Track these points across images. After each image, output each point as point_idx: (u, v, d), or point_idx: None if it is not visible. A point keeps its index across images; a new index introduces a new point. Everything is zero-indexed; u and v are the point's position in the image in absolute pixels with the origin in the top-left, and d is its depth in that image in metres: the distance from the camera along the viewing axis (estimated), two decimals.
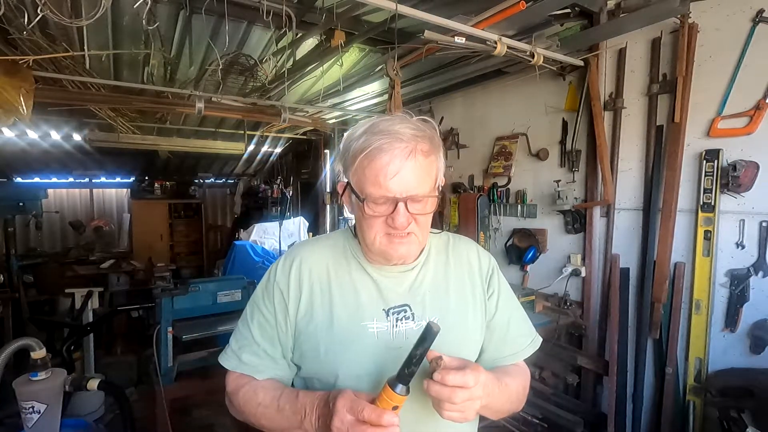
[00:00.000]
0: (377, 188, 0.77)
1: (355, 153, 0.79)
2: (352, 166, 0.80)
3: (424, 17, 1.81)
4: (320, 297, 0.88)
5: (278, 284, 0.90)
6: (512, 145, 3.09)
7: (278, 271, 0.91)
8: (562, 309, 2.58)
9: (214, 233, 7.66)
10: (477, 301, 0.94)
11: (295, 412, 0.79)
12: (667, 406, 2.23)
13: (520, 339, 0.97)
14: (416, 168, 0.78)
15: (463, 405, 0.70)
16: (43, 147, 4.88)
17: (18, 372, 1.52)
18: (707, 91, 2.08)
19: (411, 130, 0.78)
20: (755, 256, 1.97)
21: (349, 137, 0.82)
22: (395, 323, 0.86)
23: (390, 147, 0.76)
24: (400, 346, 0.83)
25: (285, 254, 0.96)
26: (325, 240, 0.98)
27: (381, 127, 0.79)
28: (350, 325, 0.85)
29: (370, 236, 0.83)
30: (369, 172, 0.77)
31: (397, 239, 0.82)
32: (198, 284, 2.42)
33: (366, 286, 0.89)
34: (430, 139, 0.81)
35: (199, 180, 7.44)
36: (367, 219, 0.81)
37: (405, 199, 0.78)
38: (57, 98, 2.81)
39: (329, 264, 0.91)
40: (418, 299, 0.89)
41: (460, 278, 0.94)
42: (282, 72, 2.80)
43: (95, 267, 5.31)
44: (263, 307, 0.90)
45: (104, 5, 1.59)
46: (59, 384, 1.49)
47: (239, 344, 0.91)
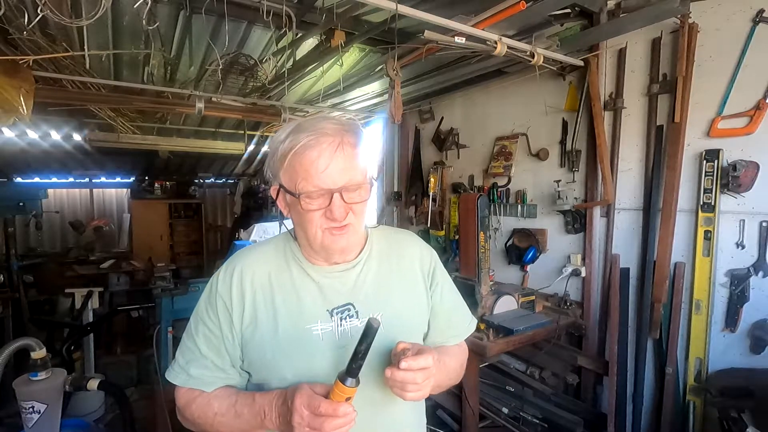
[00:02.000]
0: (310, 183, 0.79)
1: (283, 153, 0.81)
2: (281, 167, 0.82)
3: (424, 17, 1.81)
4: (263, 304, 0.88)
5: (221, 295, 0.89)
6: (512, 145, 3.09)
7: (220, 281, 0.91)
8: (562, 309, 2.57)
9: (214, 233, 7.66)
10: (420, 293, 0.98)
11: (254, 414, 0.81)
12: (667, 406, 2.23)
13: (460, 323, 1.06)
14: (345, 159, 0.80)
15: (424, 384, 0.77)
16: (43, 147, 4.87)
17: (18, 372, 1.52)
18: (707, 91, 2.08)
19: (335, 125, 0.82)
20: (755, 256, 1.96)
21: (275, 141, 0.84)
22: (339, 323, 0.88)
23: (317, 142, 0.79)
24: (346, 345, 0.86)
25: (226, 263, 0.95)
26: (266, 246, 0.97)
27: (305, 126, 0.82)
28: (294, 329, 0.86)
29: (310, 232, 0.84)
30: (300, 169, 0.80)
31: (336, 232, 0.83)
32: (198, 284, 2.42)
33: (308, 288, 0.90)
34: (356, 131, 0.84)
35: (199, 180, 7.44)
36: (305, 214, 0.82)
37: (339, 190, 0.80)
38: (57, 98, 2.81)
39: (271, 270, 0.91)
40: (362, 297, 0.91)
41: (402, 272, 0.98)
42: (282, 72, 2.80)
43: (95, 267, 5.31)
44: (207, 320, 0.90)
45: (104, 5, 1.59)
46: (59, 384, 1.50)
47: (186, 359, 0.90)
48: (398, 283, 0.96)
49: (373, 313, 0.89)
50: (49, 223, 6.28)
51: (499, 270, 3.10)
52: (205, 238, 7.40)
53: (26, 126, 4.15)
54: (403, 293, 0.96)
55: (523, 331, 2.23)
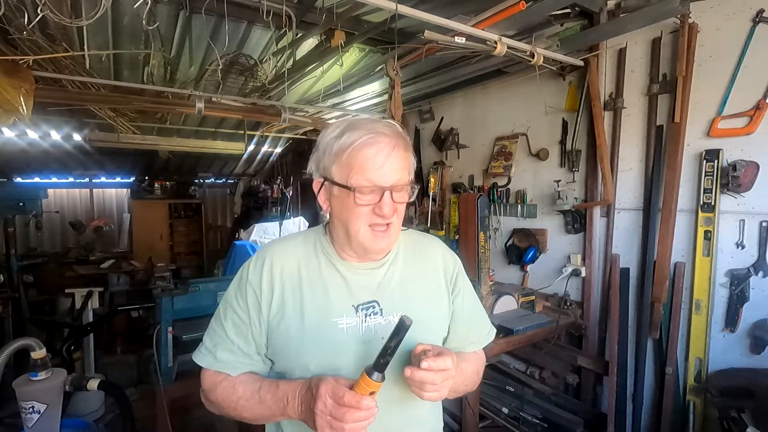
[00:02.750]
0: (364, 178, 0.83)
1: (340, 149, 0.84)
2: (335, 162, 0.85)
3: (424, 17, 1.81)
4: (291, 295, 0.91)
5: (251, 283, 0.92)
6: (512, 145, 3.09)
7: (250, 270, 0.94)
8: (562, 309, 2.57)
9: (214, 233, 7.66)
10: (442, 298, 1.01)
11: (277, 400, 0.83)
12: (667, 406, 2.23)
13: (480, 331, 1.08)
14: (398, 160, 0.85)
15: (442, 384, 0.79)
16: (43, 147, 4.88)
17: (18, 372, 1.52)
18: (707, 91, 2.08)
19: (389, 127, 0.86)
20: (755, 256, 1.97)
21: (326, 138, 0.88)
22: (364, 319, 0.90)
23: (375, 141, 0.83)
24: (369, 340, 0.88)
25: (256, 253, 0.98)
26: (297, 238, 1.00)
27: (359, 124, 0.85)
28: (320, 322, 0.89)
29: (354, 227, 0.86)
30: (356, 164, 0.83)
31: (379, 232, 0.87)
32: (198, 284, 2.41)
33: (335, 282, 0.92)
34: (404, 138, 0.89)
35: (199, 180, 7.44)
36: (355, 209, 0.85)
37: (391, 188, 0.84)
38: (57, 98, 2.81)
39: (300, 262, 0.94)
40: (386, 295, 0.93)
41: (426, 276, 1.00)
42: (282, 72, 2.80)
43: (95, 267, 5.32)
44: (236, 306, 0.93)
45: (104, 5, 1.59)
46: (59, 384, 1.50)
47: (213, 342, 0.93)
48: (422, 285, 0.98)
49: (396, 312, 0.91)
50: (49, 223, 6.27)
51: (499, 270, 3.10)
52: (205, 238, 7.40)
53: (26, 126, 4.16)
54: (425, 295, 0.98)
55: (523, 331, 2.23)
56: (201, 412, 3.64)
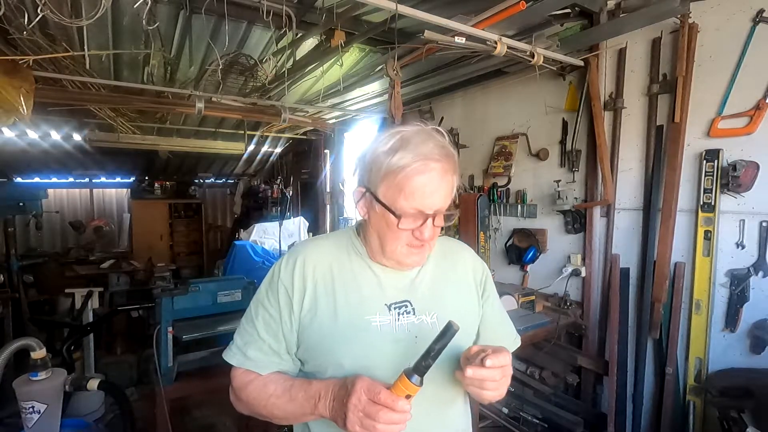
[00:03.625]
0: (411, 205, 0.82)
1: (391, 170, 0.82)
2: (383, 180, 0.84)
3: (424, 17, 1.81)
4: (324, 293, 0.91)
5: (282, 282, 0.92)
6: (512, 145, 3.09)
7: (282, 269, 0.94)
8: (562, 309, 2.57)
9: (214, 233, 7.65)
10: (472, 301, 1.02)
11: (308, 397, 0.83)
12: (667, 406, 2.23)
13: (507, 338, 1.07)
14: (445, 186, 0.85)
15: (502, 382, 0.79)
16: (43, 147, 4.87)
17: (18, 372, 1.52)
18: (707, 91, 2.08)
19: (441, 149, 0.84)
20: (755, 256, 1.97)
21: (378, 150, 0.85)
22: (397, 317, 0.90)
23: (426, 168, 0.81)
24: (402, 339, 0.89)
25: (288, 252, 0.98)
26: (328, 238, 1.01)
27: (415, 144, 0.83)
28: (354, 319, 0.89)
29: (391, 246, 0.88)
30: (406, 190, 0.82)
31: (415, 249, 0.88)
32: (198, 284, 2.42)
33: (368, 281, 0.93)
34: (454, 156, 0.87)
35: (199, 180, 7.44)
36: (394, 231, 0.85)
37: (434, 215, 0.84)
38: (57, 98, 2.81)
39: (332, 261, 0.94)
40: (419, 295, 0.94)
41: (457, 279, 1.01)
42: (282, 72, 2.80)
43: (95, 267, 5.31)
44: (267, 304, 0.93)
45: (104, 5, 1.59)
46: (59, 384, 1.50)
47: (244, 340, 0.93)
48: (452, 287, 0.99)
49: (428, 312, 0.92)
50: (49, 223, 6.27)
51: (499, 270, 3.10)
52: (205, 238, 7.39)
53: (26, 126, 4.16)
54: (455, 297, 0.99)
55: (523, 331, 2.23)
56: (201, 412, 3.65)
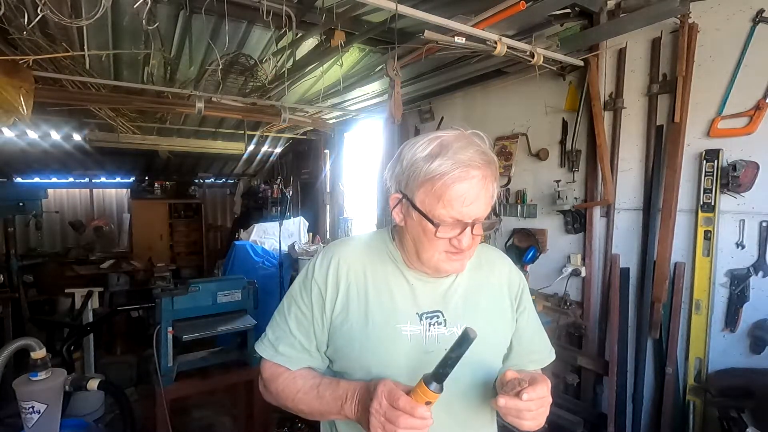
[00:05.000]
0: (449, 214, 0.80)
1: (429, 177, 0.80)
2: (421, 187, 0.81)
3: (424, 17, 1.81)
4: (356, 296, 0.90)
5: (316, 281, 0.92)
6: (512, 145, 3.09)
7: (317, 267, 0.94)
8: (562, 309, 2.58)
9: (214, 233, 7.65)
10: (506, 314, 0.99)
11: (335, 398, 0.83)
12: (667, 406, 2.23)
13: (542, 350, 1.05)
14: (486, 195, 0.82)
15: (541, 412, 0.76)
16: (43, 147, 4.87)
17: (18, 372, 1.52)
18: (707, 91, 2.08)
19: (482, 155, 0.81)
20: (755, 256, 1.96)
21: (415, 155, 0.83)
22: (428, 327, 0.89)
23: (467, 176, 0.78)
24: (432, 350, 0.87)
25: (323, 251, 0.98)
26: (363, 240, 1.00)
27: (455, 151, 0.79)
28: (385, 326, 0.88)
29: (427, 254, 0.86)
30: (444, 198, 0.79)
31: (455, 256, 0.85)
32: (198, 284, 2.42)
33: (401, 289, 0.91)
34: (495, 162, 0.84)
35: (199, 180, 7.43)
36: (431, 240, 0.83)
37: (473, 224, 0.82)
38: (57, 98, 2.81)
39: (366, 265, 0.93)
40: (451, 306, 0.92)
41: (492, 290, 0.98)
42: (282, 72, 2.80)
43: (95, 267, 5.31)
44: (300, 302, 0.93)
45: (104, 5, 1.59)
46: (59, 384, 1.49)
47: (276, 335, 0.94)
48: (486, 298, 0.97)
49: (460, 324, 0.90)
50: (49, 223, 6.27)
51: None
52: (205, 238, 7.39)
53: (26, 126, 4.16)
54: (489, 309, 0.96)
55: None
56: (201, 412, 3.65)
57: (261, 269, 4.18)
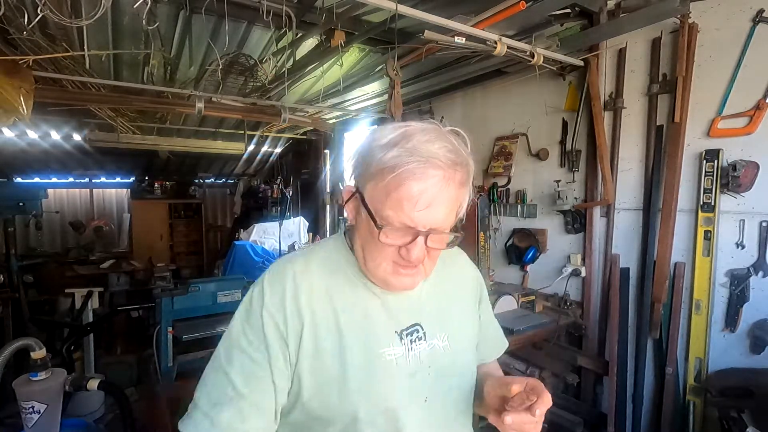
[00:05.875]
0: (398, 217, 0.67)
1: (380, 168, 0.67)
2: (371, 180, 0.70)
3: (424, 17, 1.81)
4: (326, 325, 0.74)
5: (270, 313, 0.72)
6: (512, 145, 3.09)
7: (267, 295, 0.73)
8: (562, 309, 2.57)
9: (214, 233, 7.65)
10: (473, 312, 0.93)
11: None
12: (667, 406, 2.23)
13: (499, 339, 1.01)
14: (448, 201, 0.68)
15: (540, 422, 0.68)
16: (43, 147, 4.88)
17: (18, 372, 1.52)
18: (707, 91, 2.08)
19: (450, 154, 0.67)
20: (755, 256, 1.96)
21: (374, 142, 0.70)
22: (410, 346, 0.78)
23: (424, 174, 0.65)
24: (416, 372, 0.77)
25: (269, 273, 0.77)
26: (317, 254, 0.82)
27: (416, 143, 0.67)
28: (366, 356, 0.74)
29: (374, 261, 0.74)
30: (394, 196, 0.67)
31: (403, 270, 0.73)
32: (198, 284, 2.42)
33: (374, 306, 0.78)
34: (467, 165, 0.71)
35: (199, 180, 7.44)
36: (376, 243, 0.71)
37: (427, 233, 0.69)
38: (57, 98, 2.81)
39: (329, 283, 0.77)
40: (426, 315, 0.82)
41: (458, 289, 0.91)
42: (282, 72, 2.79)
43: (95, 267, 5.32)
44: (248, 345, 0.71)
45: (104, 5, 1.59)
46: (59, 384, 1.49)
47: (213, 400, 0.69)
48: (455, 300, 0.89)
49: (439, 335, 0.81)
50: (49, 223, 6.27)
51: (499, 270, 3.10)
52: (205, 238, 7.39)
53: (26, 126, 4.16)
54: (460, 311, 0.89)
55: (523, 331, 2.23)
56: None
57: (261, 269, 4.17)
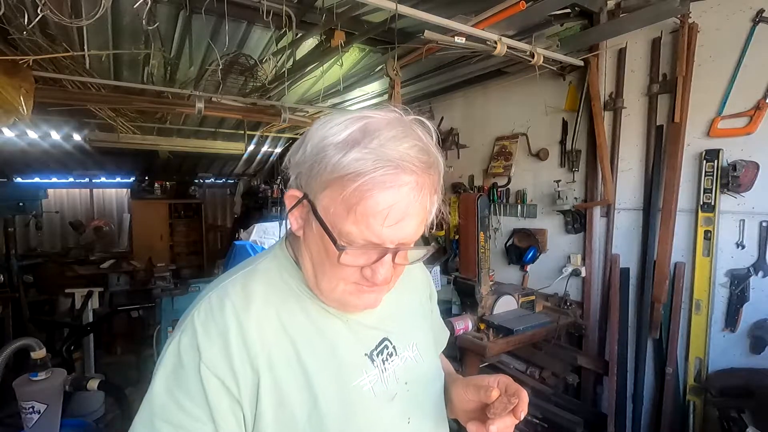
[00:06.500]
0: (364, 234, 0.55)
1: (338, 174, 0.54)
2: (325, 188, 0.56)
3: (424, 17, 1.81)
4: (286, 365, 0.60)
5: (210, 370, 0.56)
6: (512, 145, 3.09)
7: (202, 347, 0.57)
8: (562, 309, 2.57)
9: (214, 233, 7.66)
10: (428, 309, 0.87)
11: None
12: (667, 406, 2.23)
13: (443, 331, 0.95)
14: (420, 211, 0.57)
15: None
16: (43, 147, 4.88)
17: (18, 372, 1.52)
18: (707, 91, 2.08)
19: (422, 154, 0.56)
20: (755, 256, 1.96)
21: (328, 139, 0.56)
22: (383, 366, 0.68)
23: (394, 181, 0.53)
24: (396, 393, 0.68)
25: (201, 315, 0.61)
26: (257, 276, 0.66)
27: (382, 141, 0.55)
28: (340, 393, 0.63)
29: (329, 283, 0.62)
30: (358, 210, 0.54)
31: (368, 287, 0.61)
32: (198, 284, 2.42)
33: (337, 330, 0.66)
34: (438, 165, 0.60)
35: (199, 180, 7.44)
36: (334, 265, 0.59)
37: (396, 250, 0.58)
38: (57, 98, 2.81)
39: (279, 309, 0.63)
40: (390, 326, 0.73)
41: (411, 289, 0.83)
42: (282, 72, 2.80)
43: (95, 267, 5.32)
44: (179, 414, 0.55)
45: (104, 5, 1.59)
46: (59, 384, 1.50)
47: None
48: (413, 301, 0.82)
49: (407, 344, 0.73)
50: (49, 223, 6.28)
51: (499, 270, 3.10)
52: (205, 238, 7.40)
53: (26, 126, 4.16)
54: (420, 313, 0.83)
55: (523, 331, 2.23)
56: None
57: None
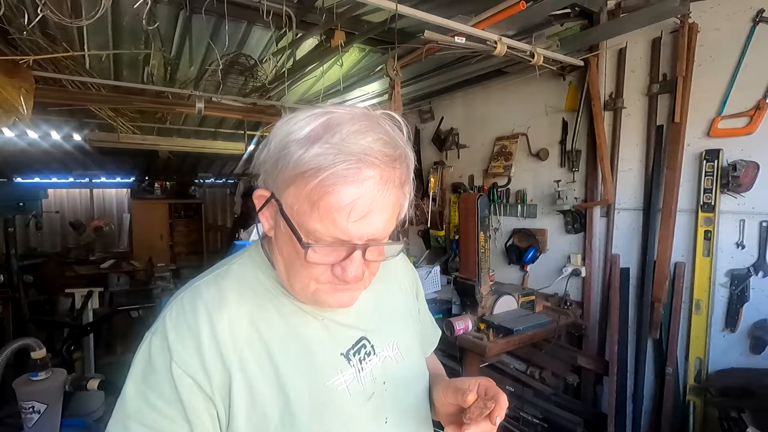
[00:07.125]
0: (329, 230, 0.55)
1: (300, 170, 0.54)
2: (289, 185, 0.56)
3: (424, 17, 1.81)
4: (258, 366, 0.61)
5: (182, 369, 0.57)
6: (512, 145, 3.09)
7: (174, 348, 0.58)
8: (562, 309, 2.57)
9: (214, 233, 7.67)
10: (413, 307, 0.86)
11: None
12: (667, 406, 2.23)
13: (434, 330, 0.96)
14: (387, 205, 0.56)
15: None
16: (43, 147, 4.87)
17: (18, 372, 1.52)
18: (707, 91, 2.08)
19: (386, 148, 0.55)
20: (755, 256, 1.96)
21: (290, 136, 0.56)
22: (360, 366, 0.67)
23: (356, 176, 0.52)
24: (373, 394, 0.68)
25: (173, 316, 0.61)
26: (230, 276, 0.67)
27: (344, 136, 0.54)
28: (313, 393, 0.62)
29: (300, 282, 0.61)
30: (322, 206, 0.53)
31: (341, 285, 0.61)
32: None
33: (310, 328, 0.66)
34: (407, 159, 0.58)
35: (199, 180, 7.45)
36: (303, 264, 0.58)
37: (365, 246, 0.57)
38: (57, 98, 2.81)
39: (252, 311, 0.63)
40: (370, 325, 0.72)
41: (394, 287, 0.82)
42: (282, 72, 2.80)
43: (95, 267, 5.32)
44: (154, 414, 0.56)
45: (104, 5, 1.59)
46: (59, 384, 1.50)
47: None
48: (395, 299, 0.81)
49: (386, 343, 0.73)
50: (49, 223, 6.29)
51: (499, 270, 3.10)
52: (205, 238, 7.41)
53: (26, 126, 4.15)
54: (403, 311, 0.82)
55: (523, 331, 2.23)
56: None
57: None
